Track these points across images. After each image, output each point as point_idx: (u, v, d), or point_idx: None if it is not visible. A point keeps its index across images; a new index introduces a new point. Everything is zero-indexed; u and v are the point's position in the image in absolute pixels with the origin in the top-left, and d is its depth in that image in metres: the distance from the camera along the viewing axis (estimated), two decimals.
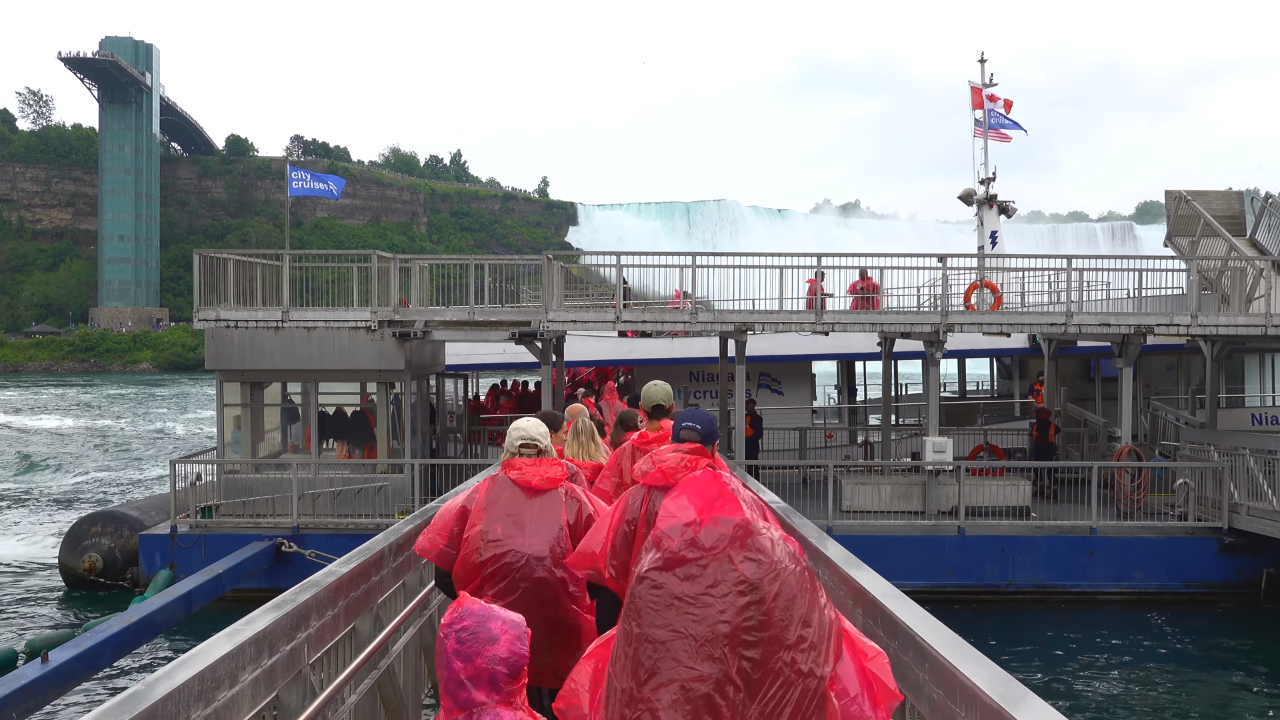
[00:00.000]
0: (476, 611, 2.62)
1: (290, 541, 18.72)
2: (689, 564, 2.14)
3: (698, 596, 2.10)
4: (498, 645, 2.55)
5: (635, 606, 2.21)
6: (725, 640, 2.06)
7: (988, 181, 34.00)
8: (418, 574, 6.97)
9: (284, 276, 20.19)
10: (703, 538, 2.17)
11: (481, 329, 20.70)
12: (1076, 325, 20.28)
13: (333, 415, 21.62)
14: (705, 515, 2.23)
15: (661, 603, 2.14)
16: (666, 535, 2.24)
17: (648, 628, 2.14)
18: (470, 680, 2.54)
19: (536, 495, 4.88)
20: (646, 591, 2.17)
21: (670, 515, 2.28)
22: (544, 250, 20.71)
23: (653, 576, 2.17)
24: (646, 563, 2.24)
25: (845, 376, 31.34)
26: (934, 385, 21.13)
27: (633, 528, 4.32)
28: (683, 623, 2.09)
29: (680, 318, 20.32)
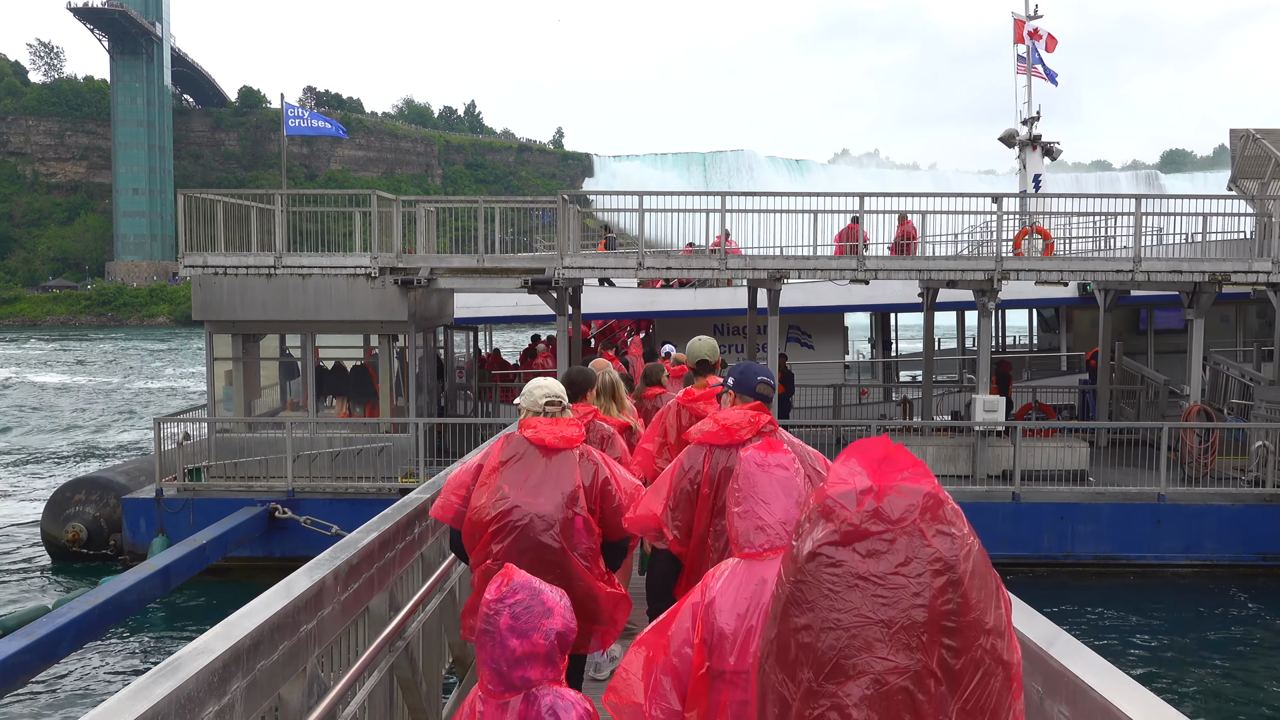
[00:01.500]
0: (526, 584, 2.53)
1: (284, 507, 17.23)
2: (872, 538, 1.81)
3: (886, 576, 1.78)
4: (553, 618, 2.49)
5: (805, 585, 1.86)
6: (923, 627, 1.77)
7: (1031, 121, 31.89)
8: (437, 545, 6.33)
9: (277, 219, 18.52)
10: (887, 508, 1.82)
11: (492, 276, 19.00)
12: (1145, 273, 18.40)
13: (331, 370, 20.03)
14: (882, 480, 1.86)
15: (842, 583, 1.81)
16: (838, 503, 1.86)
17: (826, 612, 1.82)
18: (526, 657, 2.46)
19: (551, 454, 4.66)
20: (821, 569, 1.83)
21: (839, 480, 1.89)
22: (560, 193, 18.93)
23: (828, 552, 1.83)
24: (817, 536, 1.87)
25: (880, 329, 29.50)
26: (985, 339, 19.34)
27: (695, 486, 4.24)
28: (871, 606, 1.79)
29: (709, 263, 18.55)
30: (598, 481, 4.70)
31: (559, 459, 4.65)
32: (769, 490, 2.78)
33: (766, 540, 2.74)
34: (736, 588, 2.69)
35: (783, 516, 2.77)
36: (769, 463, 2.82)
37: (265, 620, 3.41)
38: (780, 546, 2.74)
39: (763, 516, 2.75)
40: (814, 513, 1.93)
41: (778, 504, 2.77)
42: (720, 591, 2.71)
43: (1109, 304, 22.84)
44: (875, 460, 1.91)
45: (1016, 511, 17.66)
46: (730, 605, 2.67)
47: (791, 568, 1.93)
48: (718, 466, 4.30)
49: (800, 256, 18.84)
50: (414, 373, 19.33)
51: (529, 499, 4.55)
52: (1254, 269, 18.51)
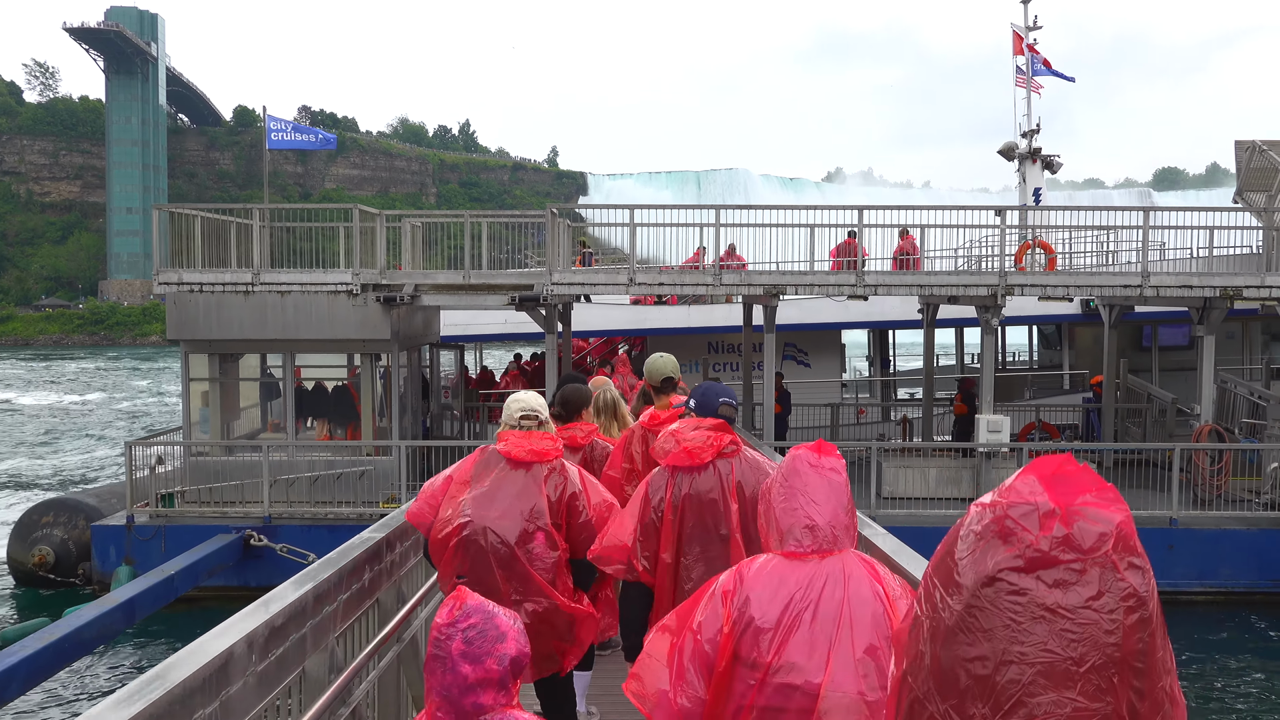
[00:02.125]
0: (479, 607, 2.46)
1: (260, 534, 16.50)
2: (1061, 566, 1.62)
3: (1077, 610, 1.61)
4: (506, 643, 2.43)
5: (981, 612, 1.66)
6: (1114, 666, 1.61)
7: (1031, 134, 31.38)
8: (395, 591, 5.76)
9: (255, 234, 17.87)
10: (1078, 535, 1.62)
11: (478, 293, 18.34)
12: (1154, 287, 17.78)
13: (311, 391, 19.34)
14: (1065, 503, 1.65)
15: (1027, 613, 1.63)
16: (1020, 525, 1.65)
17: (1006, 643, 1.64)
18: (479, 683, 2.39)
19: (519, 468, 4.62)
20: (1002, 596, 1.64)
21: (1019, 497, 1.68)
22: (548, 207, 18.30)
23: (1011, 579, 1.64)
24: (996, 559, 1.66)
25: (878, 347, 28.85)
26: (989, 356, 18.68)
27: (659, 515, 4.14)
28: (1059, 642, 1.61)
29: (703, 279, 17.90)
30: (564, 496, 4.61)
31: (525, 473, 4.59)
32: (822, 491, 2.72)
33: (814, 542, 2.67)
34: (777, 583, 2.62)
35: (832, 519, 2.71)
36: (823, 464, 2.77)
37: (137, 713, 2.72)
38: (828, 550, 2.67)
39: (813, 517, 2.68)
40: (986, 530, 1.75)
41: (828, 505, 2.71)
42: (756, 582, 2.65)
43: (1114, 320, 22.21)
44: (1053, 478, 1.73)
45: None
46: (768, 598, 2.61)
47: (958, 590, 1.77)
48: (681, 490, 4.22)
49: (797, 272, 18.21)
50: (397, 393, 18.64)
51: (486, 513, 4.51)
52: (1267, 283, 17.89)
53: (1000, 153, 31.98)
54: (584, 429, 6.05)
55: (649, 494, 4.26)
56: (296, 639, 4.06)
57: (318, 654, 4.36)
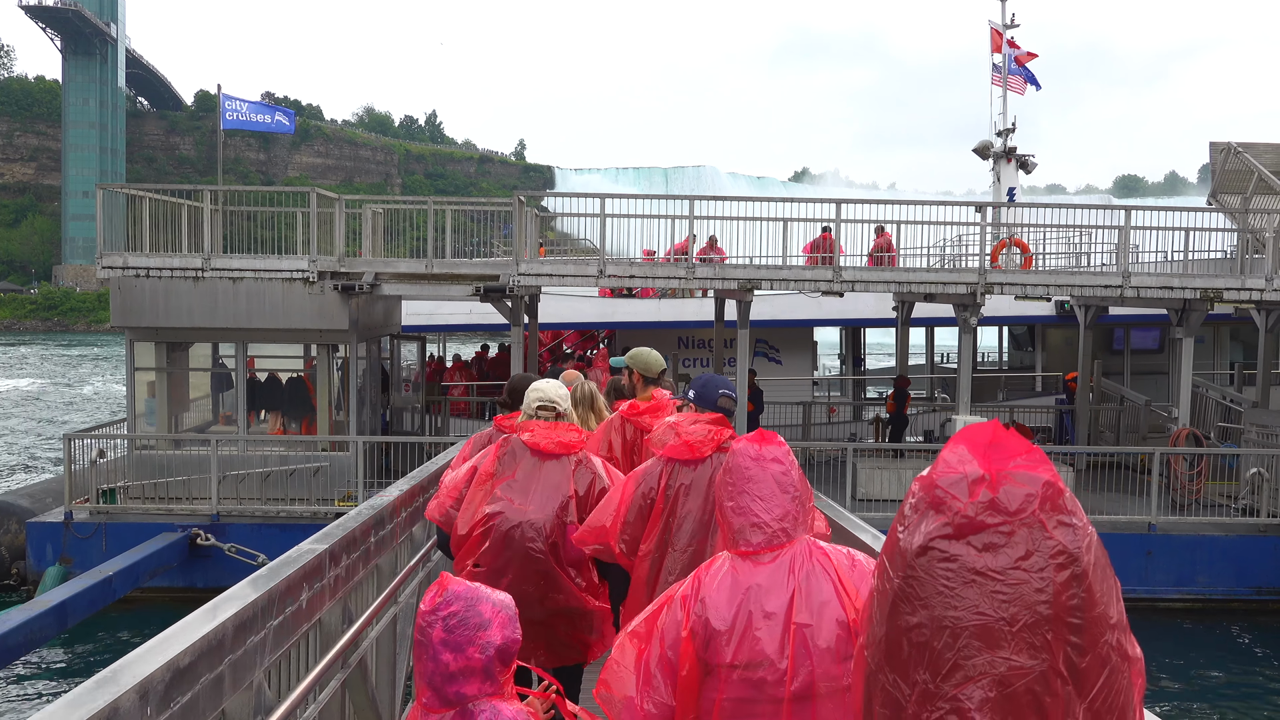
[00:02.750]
0: (463, 594, 2.41)
1: (207, 533, 15.68)
2: (989, 530, 1.69)
3: (1006, 571, 1.67)
4: (489, 631, 2.37)
5: (917, 581, 1.74)
6: (1048, 624, 1.67)
7: (1006, 133, 31.11)
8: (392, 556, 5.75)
9: (205, 217, 17.01)
10: (1004, 498, 1.69)
11: (441, 283, 17.62)
12: (1134, 288, 17.43)
13: (264, 382, 18.49)
14: (995, 468, 1.71)
15: (958, 578, 1.69)
16: (949, 493, 1.73)
17: (941, 609, 1.70)
18: (461, 672, 2.35)
19: (547, 460, 4.55)
20: (935, 564, 1.72)
21: (948, 467, 1.75)
22: (515, 194, 17.60)
23: (941, 546, 1.71)
24: (927, 528, 1.74)
25: (850, 344, 28.42)
26: (967, 356, 18.25)
27: (649, 501, 4.13)
28: (991, 604, 1.67)
29: (675, 272, 17.29)
30: (593, 490, 4.53)
31: (554, 465, 4.51)
32: (765, 485, 2.68)
33: (764, 538, 2.64)
34: (730, 584, 2.61)
35: (780, 513, 2.66)
36: (764, 455, 2.72)
37: None
38: (779, 544, 2.64)
39: (759, 514, 2.65)
40: (921, 502, 1.78)
41: (774, 500, 2.67)
42: (711, 585, 2.63)
43: (1089, 321, 21.88)
44: (985, 446, 1.75)
45: None
46: (724, 601, 2.60)
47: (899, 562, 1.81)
48: (675, 483, 4.16)
49: (773, 266, 17.65)
50: (355, 386, 17.86)
51: (520, 505, 4.42)
52: (1247, 286, 17.60)
53: (975, 151, 31.69)
54: None
55: (641, 479, 4.20)
56: (209, 680, 3.39)
57: (239, 695, 3.69)
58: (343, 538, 4.44)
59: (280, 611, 3.60)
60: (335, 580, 4.33)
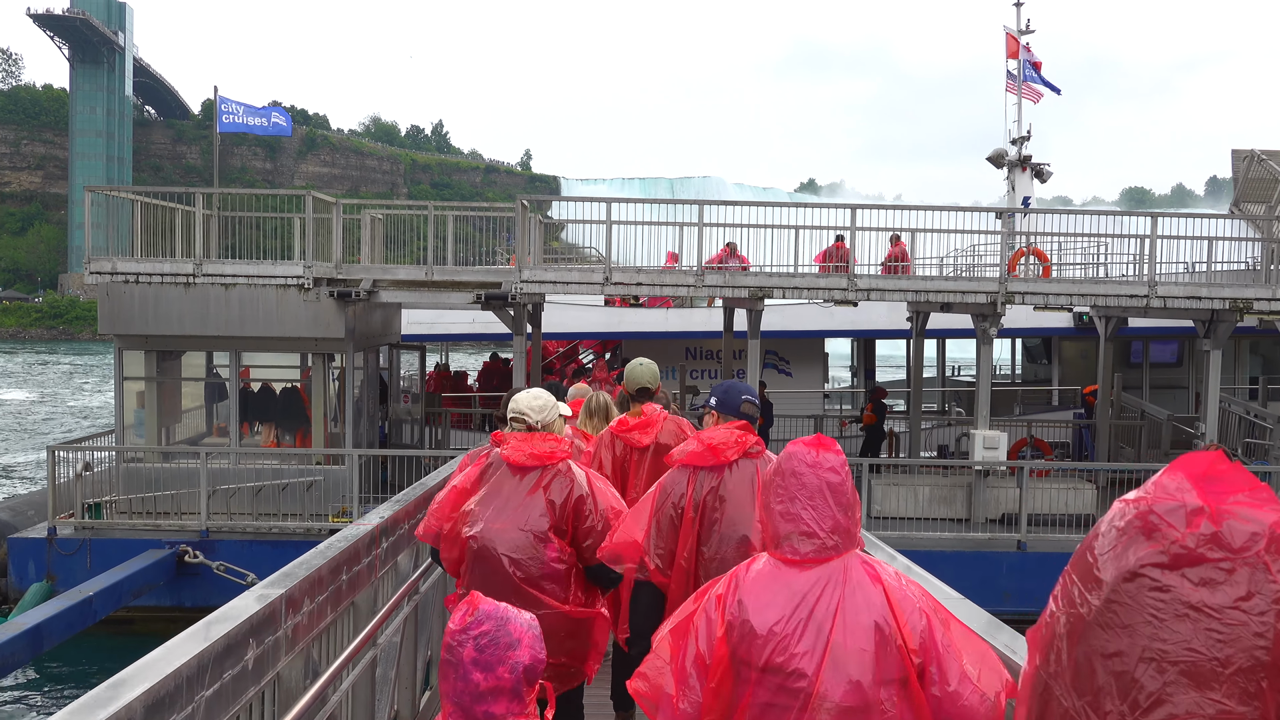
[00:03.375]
0: (493, 613, 2.40)
1: (195, 550, 15.06)
2: (1208, 565, 1.60)
3: (1224, 609, 1.58)
4: (519, 650, 2.37)
5: (1121, 608, 1.66)
6: (1263, 670, 1.56)
7: (1021, 141, 30.48)
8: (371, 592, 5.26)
9: (197, 221, 16.43)
10: (1227, 533, 1.60)
11: (441, 290, 17.01)
12: (1161, 298, 16.77)
13: (258, 393, 17.88)
14: (1214, 502, 1.64)
15: (1170, 610, 1.61)
16: (1165, 521, 1.65)
17: (1148, 640, 1.62)
18: (490, 692, 2.33)
19: (520, 474, 4.37)
20: (1145, 593, 1.64)
21: (1166, 494, 1.68)
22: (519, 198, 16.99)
23: (1153, 575, 1.63)
24: (1138, 555, 1.66)
25: (863, 356, 27.74)
26: (986, 369, 17.59)
27: (679, 511, 4.06)
28: (1204, 642, 1.59)
29: (684, 280, 16.66)
30: (570, 500, 4.34)
31: (529, 479, 4.36)
32: (820, 495, 2.57)
33: (813, 549, 2.55)
34: (772, 588, 2.53)
35: (831, 525, 2.56)
36: (821, 463, 2.61)
37: None
38: (827, 557, 2.54)
39: (809, 524, 2.56)
40: (1130, 526, 1.70)
41: (826, 511, 2.57)
42: (752, 588, 2.55)
43: (1110, 333, 21.19)
44: (1204, 477, 1.65)
45: (1023, 562, 15.86)
46: (764, 604, 2.53)
47: (1098, 586, 1.71)
48: (702, 489, 4.07)
49: (785, 274, 17.02)
50: (352, 397, 17.24)
51: (493, 523, 4.31)
52: (1278, 295, 16.92)
53: (989, 159, 31.05)
54: None
55: (666, 490, 4.11)
56: None
57: None
58: (305, 579, 3.81)
59: (216, 679, 2.96)
60: (295, 630, 3.70)
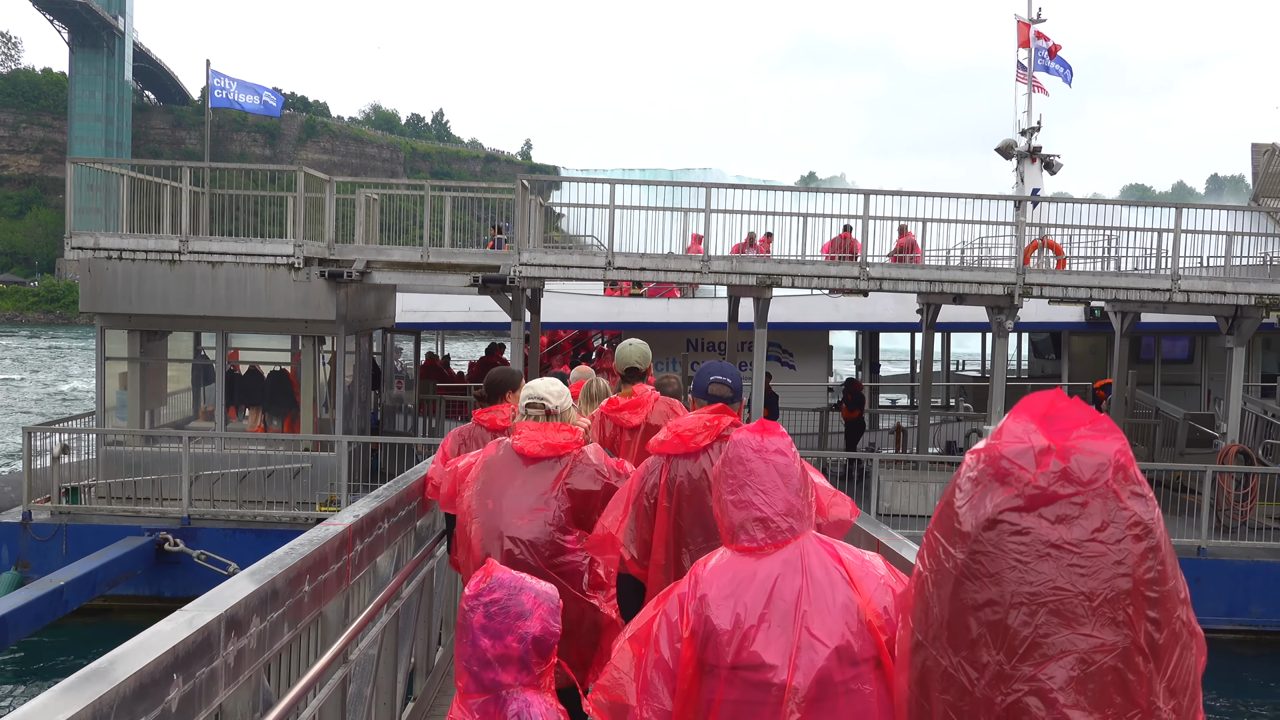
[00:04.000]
0: (507, 582, 2.41)
1: (176, 537, 14.44)
2: (1062, 501, 1.60)
3: (1083, 543, 1.58)
4: (529, 621, 2.37)
5: (985, 557, 1.63)
6: (1128, 598, 1.58)
7: (1030, 132, 29.86)
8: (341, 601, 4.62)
9: (184, 196, 15.79)
10: (1076, 468, 1.61)
11: (437, 273, 16.38)
12: (1184, 292, 16.16)
13: (245, 375, 17.25)
14: (1061, 439, 1.64)
15: (1032, 552, 1.60)
16: (1016, 464, 1.65)
17: (1016, 585, 1.61)
18: (498, 660, 2.35)
19: (532, 463, 4.23)
20: (1005, 538, 1.62)
21: (1013, 438, 1.67)
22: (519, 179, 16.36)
23: (1012, 519, 1.62)
24: (994, 501, 1.64)
25: (868, 349, 27.14)
26: (1001, 364, 16.97)
27: (653, 501, 3.98)
28: (1068, 577, 1.58)
29: (689, 266, 16.03)
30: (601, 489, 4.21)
31: (540, 468, 4.22)
32: (768, 478, 2.50)
33: (767, 534, 2.46)
34: (732, 582, 2.43)
35: (784, 508, 2.48)
36: (766, 447, 2.53)
37: None
38: (783, 541, 2.46)
39: (761, 508, 2.48)
40: (983, 475, 1.66)
41: (778, 494, 2.49)
42: (711, 583, 2.46)
43: (1125, 329, 20.58)
44: (1046, 416, 1.64)
45: None
46: (726, 599, 2.42)
47: (960, 538, 1.68)
48: (677, 477, 3.96)
49: (794, 261, 16.40)
50: (343, 382, 16.62)
51: (499, 513, 4.18)
52: None
53: (998, 150, 30.44)
54: (505, 412, 5.64)
55: (643, 479, 4.02)
56: None
57: None
58: (251, 594, 3.17)
59: None
60: (239, 656, 3.07)
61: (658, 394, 5.96)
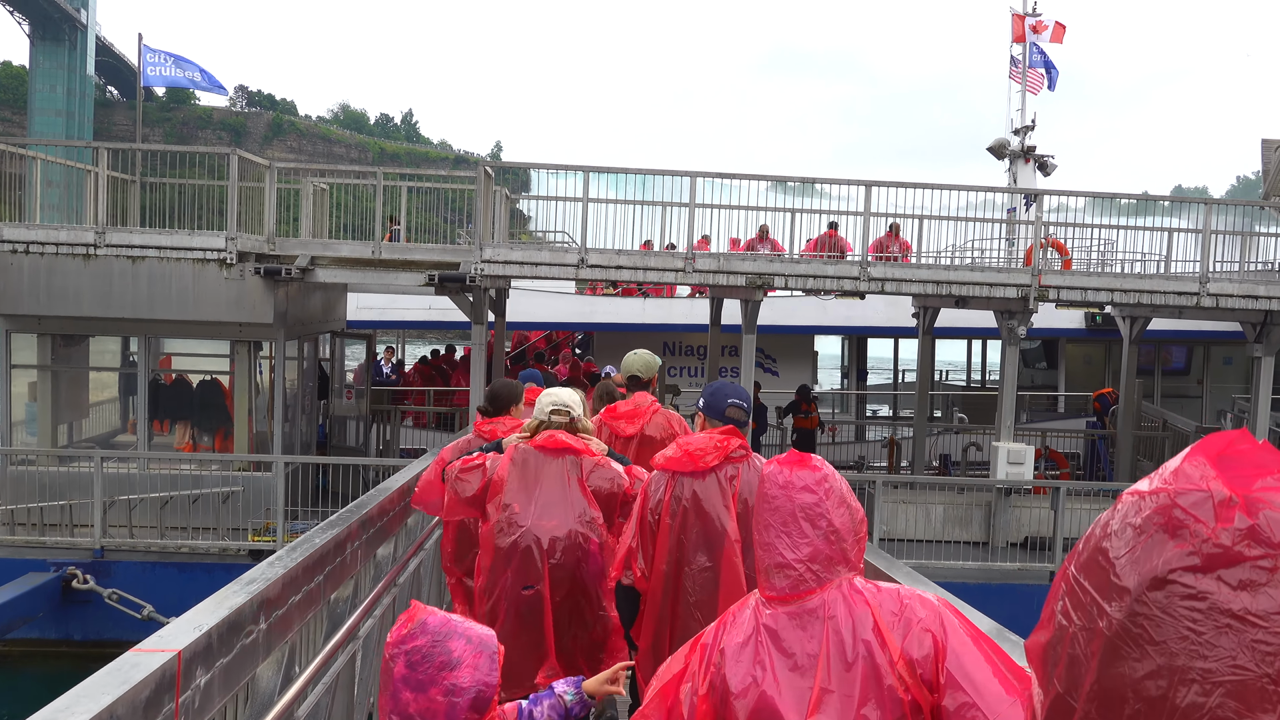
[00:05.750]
0: (433, 627, 2.19)
1: (86, 573, 12.61)
2: (1246, 564, 1.26)
3: (1269, 616, 1.24)
4: (458, 672, 2.16)
5: (1150, 622, 1.30)
6: None
7: (1024, 131, 28.51)
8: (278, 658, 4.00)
9: (100, 182, 13.98)
10: (1264, 525, 1.25)
11: (389, 270, 14.66)
12: (1213, 296, 14.74)
13: (171, 385, 15.44)
14: (1244, 489, 1.28)
15: (1209, 622, 1.26)
16: (1192, 515, 1.28)
17: (1186, 659, 1.28)
18: (421, 715, 2.13)
19: (555, 458, 4.31)
20: (1176, 602, 1.28)
21: (1189, 482, 1.32)
22: (480, 165, 14.66)
23: (1186, 580, 1.27)
24: (1165, 557, 1.30)
25: (855, 355, 25.63)
26: (1012, 373, 15.48)
27: (655, 517, 3.99)
28: (1251, 656, 1.24)
29: (671, 264, 14.39)
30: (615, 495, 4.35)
31: (563, 466, 4.29)
32: (792, 520, 2.24)
33: (789, 583, 2.20)
34: (751, 633, 2.22)
35: (808, 553, 2.21)
36: (792, 484, 2.26)
37: None
38: (806, 591, 2.19)
39: (783, 553, 2.22)
40: (1149, 524, 1.32)
41: (801, 538, 2.23)
42: (733, 635, 2.25)
43: (1135, 335, 19.16)
44: (1225, 459, 1.31)
45: None
46: (742, 653, 2.21)
47: (1119, 594, 1.36)
48: (682, 496, 3.94)
49: (788, 260, 14.83)
50: (282, 392, 14.85)
51: (533, 515, 4.22)
52: None
53: (990, 150, 29.00)
54: (508, 424, 5.50)
55: (647, 495, 4.05)
56: None
57: None
58: None
59: None
60: None
61: (658, 404, 5.88)
